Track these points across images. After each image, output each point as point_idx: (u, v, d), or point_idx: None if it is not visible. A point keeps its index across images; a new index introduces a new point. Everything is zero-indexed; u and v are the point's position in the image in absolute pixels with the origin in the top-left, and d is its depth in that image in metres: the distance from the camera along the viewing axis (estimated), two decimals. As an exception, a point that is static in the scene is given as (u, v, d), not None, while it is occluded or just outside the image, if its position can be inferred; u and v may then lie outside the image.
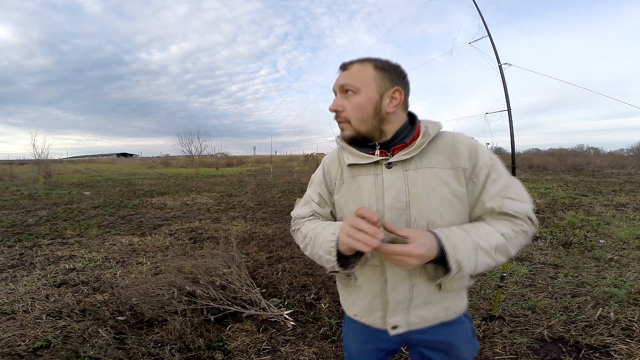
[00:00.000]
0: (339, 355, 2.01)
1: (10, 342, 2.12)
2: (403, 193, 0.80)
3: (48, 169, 16.82)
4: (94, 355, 1.93)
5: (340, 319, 2.41)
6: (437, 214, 0.79)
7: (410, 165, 0.81)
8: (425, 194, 0.80)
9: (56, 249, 4.17)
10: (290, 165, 27.09)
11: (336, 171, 0.92)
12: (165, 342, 2.08)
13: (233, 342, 2.12)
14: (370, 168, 0.85)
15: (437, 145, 0.82)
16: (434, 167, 0.81)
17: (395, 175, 0.81)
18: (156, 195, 9.38)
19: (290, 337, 2.20)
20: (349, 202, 0.88)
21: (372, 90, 0.80)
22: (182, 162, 31.88)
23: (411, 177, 0.81)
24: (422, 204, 0.80)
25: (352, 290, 0.92)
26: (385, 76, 0.80)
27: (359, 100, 0.80)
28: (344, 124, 0.83)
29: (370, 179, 0.84)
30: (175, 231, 5.16)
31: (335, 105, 0.83)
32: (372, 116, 0.81)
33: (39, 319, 2.41)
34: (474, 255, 0.73)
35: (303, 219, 0.98)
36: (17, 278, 3.19)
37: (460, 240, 0.73)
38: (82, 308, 2.54)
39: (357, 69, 0.81)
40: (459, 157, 0.81)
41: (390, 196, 0.81)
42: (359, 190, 0.86)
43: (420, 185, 0.80)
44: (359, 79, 0.80)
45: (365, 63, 0.81)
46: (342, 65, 0.84)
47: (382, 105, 0.80)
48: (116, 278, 3.19)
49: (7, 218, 6.09)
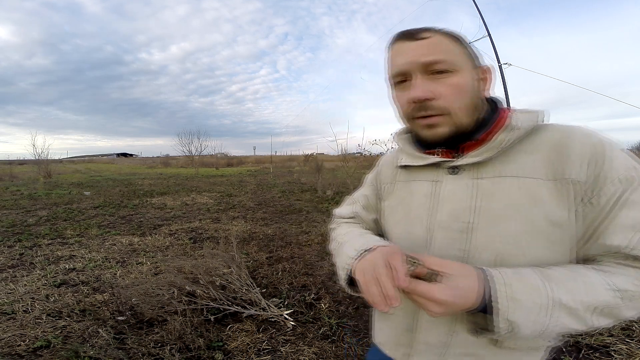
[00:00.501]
0: (339, 355, 2.01)
1: (10, 342, 2.12)
2: (466, 209, 0.58)
3: (48, 169, 16.82)
4: (94, 355, 1.93)
5: (341, 318, 2.41)
6: (515, 245, 0.54)
7: (485, 171, 0.58)
8: (502, 215, 0.55)
9: (56, 249, 4.17)
10: (290, 165, 27.10)
11: (390, 173, 0.75)
12: (165, 342, 2.08)
13: (233, 342, 2.12)
14: (429, 172, 0.65)
15: (535, 143, 0.57)
16: (523, 177, 0.55)
17: (460, 184, 0.60)
18: (156, 195, 9.38)
19: (290, 337, 2.20)
20: (395, 211, 0.71)
21: (469, 68, 0.59)
22: (182, 162, 31.91)
23: (484, 189, 0.57)
24: (494, 229, 0.56)
25: (384, 316, 0.76)
26: (469, 51, 0.60)
27: (461, 80, 0.57)
28: (439, 117, 0.57)
29: (427, 186, 0.65)
30: (175, 231, 5.16)
31: (425, 92, 0.56)
32: (474, 102, 0.59)
33: (39, 319, 2.41)
34: (544, 316, 0.49)
35: (342, 218, 0.85)
36: (17, 278, 3.19)
37: (528, 290, 0.49)
38: (82, 308, 2.54)
39: (440, 40, 0.57)
40: (569, 163, 0.53)
41: (446, 211, 0.60)
42: (410, 197, 0.67)
43: (496, 200, 0.56)
44: (450, 52, 0.57)
45: (440, 33, 0.58)
46: (408, 34, 0.59)
47: (478, 88, 0.60)
48: (116, 278, 3.19)
49: (7, 218, 6.09)
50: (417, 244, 0.64)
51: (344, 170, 9.50)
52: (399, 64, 0.59)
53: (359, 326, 2.33)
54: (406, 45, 0.58)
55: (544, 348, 0.62)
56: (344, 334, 2.22)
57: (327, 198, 8.32)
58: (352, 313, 2.51)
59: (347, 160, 9.60)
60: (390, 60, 0.62)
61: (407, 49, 0.58)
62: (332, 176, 10.90)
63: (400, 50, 0.59)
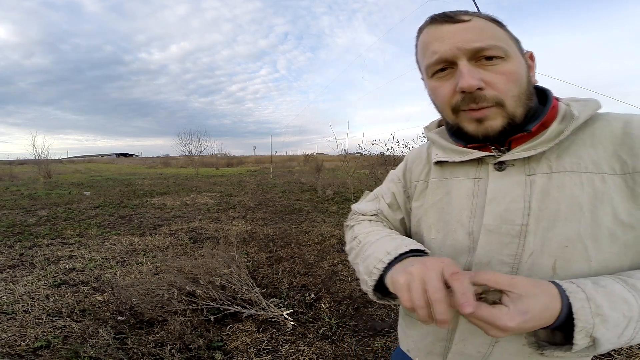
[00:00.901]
0: (339, 355, 2.01)
1: (10, 342, 2.12)
2: (519, 210, 0.51)
3: (48, 169, 16.81)
4: (94, 355, 1.93)
5: (341, 318, 2.41)
6: (578, 249, 0.48)
7: (539, 166, 0.52)
8: (561, 215, 0.49)
9: (56, 249, 4.17)
10: (290, 165, 27.11)
11: (421, 170, 0.68)
12: (165, 342, 2.08)
13: (233, 342, 2.12)
14: (470, 169, 0.58)
15: (595, 135, 0.51)
16: (585, 172, 0.49)
17: (510, 181, 0.53)
18: (156, 195, 9.38)
19: (290, 337, 2.20)
20: (430, 212, 0.63)
21: (518, 54, 0.53)
22: (182, 162, 31.91)
23: (539, 186, 0.51)
24: (552, 231, 0.49)
25: (412, 322, 0.69)
26: (512, 36, 0.54)
27: (514, 67, 0.50)
28: (492, 109, 0.50)
29: (468, 184, 0.58)
30: (175, 231, 5.16)
31: (477, 80, 0.49)
32: (527, 90, 0.52)
33: (39, 319, 2.41)
34: (632, 329, 0.42)
35: (363, 215, 0.76)
36: (17, 278, 3.19)
37: (615, 305, 0.42)
38: (82, 308, 2.54)
39: (485, 24, 0.51)
40: (639, 155, 0.47)
41: (494, 213, 0.53)
42: (448, 198, 0.60)
43: (554, 199, 0.49)
44: (498, 36, 0.51)
45: (481, 16, 0.52)
46: (445, 15, 0.52)
47: (528, 75, 0.54)
48: (116, 278, 3.19)
49: (7, 218, 6.09)
50: (457, 250, 0.57)
51: (344, 170, 9.50)
52: (440, 50, 0.52)
53: (359, 326, 2.33)
54: (446, 29, 0.51)
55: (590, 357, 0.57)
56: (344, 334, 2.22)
57: (327, 198, 8.32)
58: (352, 313, 2.51)
59: (347, 160, 9.60)
60: (425, 47, 0.54)
61: (449, 33, 0.51)
62: (332, 176, 10.91)
63: (439, 34, 0.52)
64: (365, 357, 2.00)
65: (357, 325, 2.34)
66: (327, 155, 23.15)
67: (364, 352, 2.03)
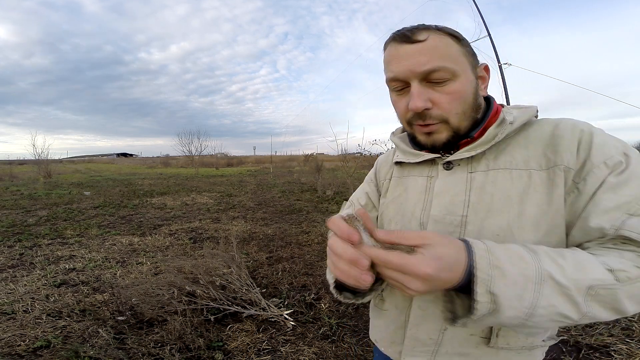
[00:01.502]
0: (339, 355, 2.01)
1: (10, 342, 2.12)
2: (460, 203, 0.58)
3: (48, 169, 16.81)
4: (94, 355, 1.93)
5: (341, 318, 2.41)
6: (507, 237, 0.53)
7: (479, 165, 0.59)
8: (494, 207, 0.55)
9: (56, 249, 4.17)
10: (290, 165, 27.11)
11: (387, 170, 0.76)
12: (165, 342, 2.08)
13: (233, 342, 2.12)
14: (424, 168, 0.66)
15: (529, 137, 0.58)
16: (515, 168, 0.56)
17: (454, 178, 0.60)
18: (156, 195, 9.38)
19: (290, 337, 2.20)
20: (390, 207, 0.70)
21: (468, 70, 0.57)
22: (182, 162, 31.92)
23: (478, 182, 0.58)
24: (487, 220, 0.55)
25: (378, 312, 0.74)
26: (468, 50, 0.58)
27: (460, 87, 0.56)
28: (438, 125, 0.57)
29: (421, 182, 0.65)
30: (175, 231, 5.16)
31: (423, 102, 0.55)
32: (473, 105, 0.58)
33: (39, 319, 2.41)
34: (531, 292, 0.43)
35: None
36: (17, 278, 3.19)
37: (513, 260, 0.44)
38: (82, 308, 2.54)
39: (438, 42, 0.55)
40: (560, 152, 0.54)
41: (439, 205, 0.60)
42: (405, 194, 0.68)
43: (488, 193, 0.56)
44: (449, 56, 0.55)
45: (438, 32, 0.56)
46: (403, 35, 0.56)
47: (477, 88, 0.60)
48: (116, 278, 3.19)
49: (7, 218, 6.09)
50: None
51: (344, 170, 9.50)
52: (395, 71, 0.57)
53: (359, 326, 2.33)
54: (403, 50, 0.56)
55: (539, 348, 0.60)
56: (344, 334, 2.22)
57: (327, 198, 8.32)
58: (352, 313, 2.51)
59: (347, 160, 9.60)
60: (386, 63, 0.60)
61: (404, 54, 0.56)
62: (332, 176, 10.91)
63: (397, 54, 0.57)
64: (365, 357, 2.00)
65: (357, 325, 2.34)
66: (327, 155, 23.15)
67: (364, 352, 2.03)
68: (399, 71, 0.57)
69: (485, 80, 0.62)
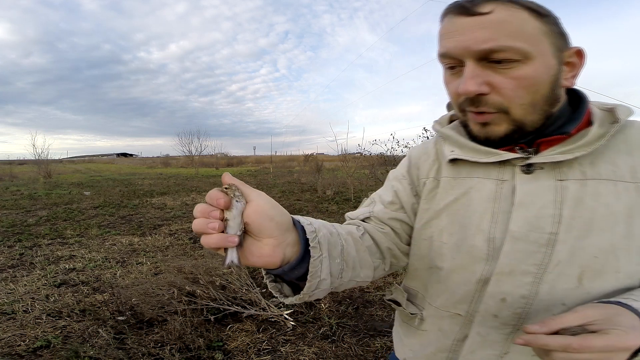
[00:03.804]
0: (339, 355, 2.01)
1: (10, 342, 2.12)
2: (548, 217, 0.47)
3: (48, 169, 16.81)
4: (94, 355, 1.93)
5: (341, 318, 2.41)
6: (607, 260, 0.46)
7: (571, 172, 0.48)
8: (596, 225, 0.46)
9: (56, 249, 4.17)
10: (290, 165, 27.10)
11: (430, 166, 0.61)
12: (165, 342, 2.08)
13: (233, 342, 2.12)
14: (491, 169, 0.53)
15: (629, 142, 0.48)
16: (621, 181, 0.46)
17: (539, 186, 0.49)
18: (156, 195, 9.38)
19: (290, 337, 2.20)
20: (442, 215, 0.57)
21: (549, 53, 0.46)
22: (182, 162, 31.92)
23: (572, 193, 0.47)
24: (584, 240, 0.46)
25: (413, 331, 0.64)
26: (553, 29, 0.46)
27: (531, 72, 0.45)
28: (495, 115, 0.48)
29: (489, 186, 0.52)
30: (175, 231, 5.16)
31: (477, 86, 0.46)
32: (547, 97, 0.48)
33: (39, 319, 2.41)
34: None
35: (351, 220, 0.66)
36: (17, 278, 3.19)
37: None
38: (82, 308, 2.54)
39: (508, 17, 0.44)
40: None
41: (522, 219, 0.48)
42: (466, 200, 0.54)
43: (587, 208, 0.46)
44: (520, 33, 0.44)
45: (508, 5, 0.45)
46: (461, 5, 0.47)
47: (559, 77, 0.48)
48: (116, 278, 3.19)
49: (7, 218, 6.09)
50: (474, 257, 0.52)
51: (344, 170, 9.50)
52: (447, 47, 0.48)
53: (359, 326, 2.33)
54: (459, 22, 0.47)
55: None
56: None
57: (327, 198, 8.32)
58: (352, 313, 2.51)
59: (347, 160, 9.60)
60: (440, 38, 0.51)
61: (460, 29, 0.46)
62: (332, 176, 10.91)
63: (451, 28, 0.48)
64: (365, 357, 2.00)
65: (357, 325, 2.34)
66: (327, 155, 23.16)
67: (364, 352, 2.03)
68: (451, 47, 0.48)
69: (574, 68, 0.50)
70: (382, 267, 0.61)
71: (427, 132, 6.66)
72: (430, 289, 0.60)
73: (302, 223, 0.47)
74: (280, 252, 0.43)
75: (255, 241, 0.43)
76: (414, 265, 0.63)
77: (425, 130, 6.80)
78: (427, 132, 6.59)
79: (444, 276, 0.56)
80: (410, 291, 0.66)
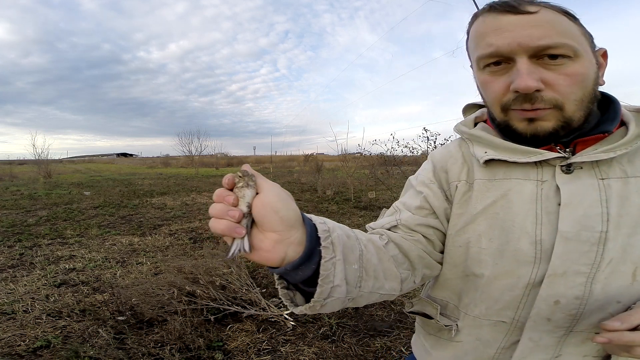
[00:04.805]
0: (339, 355, 2.01)
1: (10, 342, 2.12)
2: (596, 216, 0.47)
3: (48, 169, 16.81)
4: (94, 355, 1.93)
5: (341, 318, 2.41)
6: None
7: (611, 170, 0.49)
8: None
9: (56, 249, 4.17)
10: (290, 165, 27.10)
11: (459, 169, 0.59)
12: (165, 342, 2.08)
13: (233, 342, 2.12)
14: (529, 170, 0.52)
15: None
16: None
17: (582, 185, 0.49)
18: (156, 195, 9.38)
19: (290, 337, 2.20)
20: (479, 219, 0.55)
21: (590, 52, 0.49)
22: (182, 162, 31.93)
23: (616, 191, 0.48)
24: (634, 237, 0.47)
25: (444, 343, 0.62)
26: (585, 32, 0.49)
27: (582, 69, 0.47)
28: (549, 110, 0.48)
29: (529, 187, 0.51)
30: (175, 231, 5.16)
31: (535, 80, 0.46)
32: (592, 94, 0.49)
33: (39, 319, 2.41)
34: None
35: (373, 231, 0.62)
36: (17, 278, 3.19)
37: None
38: (82, 308, 2.54)
39: (554, 17, 0.47)
40: None
41: (571, 219, 0.48)
42: (505, 202, 0.53)
43: (633, 205, 0.47)
44: (568, 32, 0.47)
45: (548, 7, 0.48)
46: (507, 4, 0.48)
47: (599, 75, 0.51)
48: (116, 278, 3.19)
49: (7, 218, 6.09)
50: (520, 261, 0.51)
51: (344, 170, 9.50)
52: (497, 44, 0.48)
53: (359, 326, 2.33)
54: (506, 20, 0.47)
55: None
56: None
57: (327, 198, 8.32)
58: (352, 313, 2.51)
59: (347, 160, 9.60)
60: (480, 37, 0.51)
61: (509, 25, 0.47)
62: (332, 176, 10.91)
63: (498, 25, 0.48)
64: (365, 357, 2.00)
65: (357, 325, 2.34)
66: (327, 155, 23.13)
67: (364, 352, 2.03)
68: (502, 44, 0.47)
69: (601, 68, 0.52)
70: (412, 279, 0.56)
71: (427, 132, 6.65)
72: (465, 298, 0.58)
73: (314, 221, 0.45)
74: (280, 249, 0.41)
75: (258, 233, 0.41)
76: (445, 274, 0.61)
77: (425, 130, 6.79)
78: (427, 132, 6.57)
79: (485, 283, 0.54)
80: (438, 302, 0.64)
